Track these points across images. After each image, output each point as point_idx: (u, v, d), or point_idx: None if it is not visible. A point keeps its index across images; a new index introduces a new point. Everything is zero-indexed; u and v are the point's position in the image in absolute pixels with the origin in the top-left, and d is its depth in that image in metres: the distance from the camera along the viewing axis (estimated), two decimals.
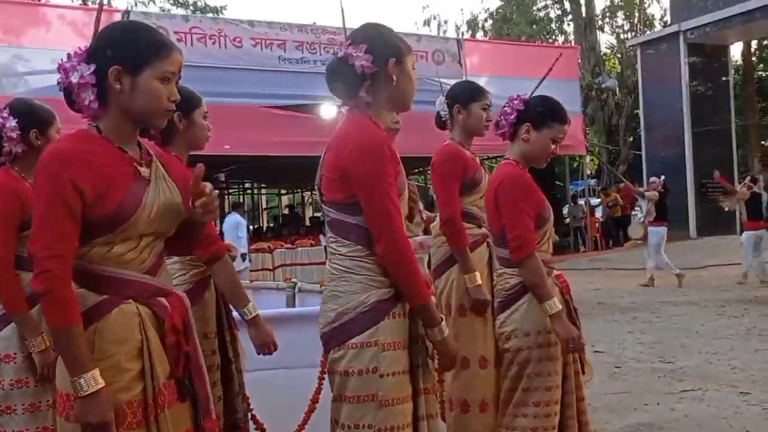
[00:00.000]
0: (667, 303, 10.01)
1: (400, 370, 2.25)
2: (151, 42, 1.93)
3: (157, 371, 1.89)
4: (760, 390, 5.23)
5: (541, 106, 3.02)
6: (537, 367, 2.92)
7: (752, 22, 18.18)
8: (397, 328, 2.27)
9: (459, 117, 3.71)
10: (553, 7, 30.08)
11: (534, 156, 3.04)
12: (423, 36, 15.15)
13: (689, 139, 19.13)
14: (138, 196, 1.91)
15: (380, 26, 2.39)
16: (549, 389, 2.92)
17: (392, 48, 2.32)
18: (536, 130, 2.98)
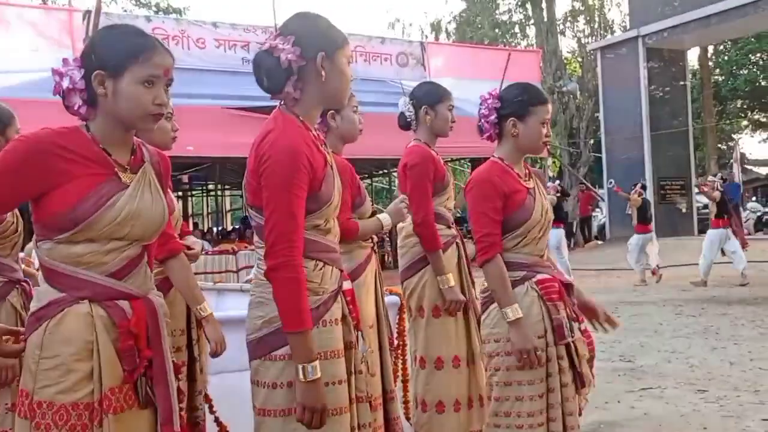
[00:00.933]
0: (627, 303, 10.17)
1: (335, 380, 2.14)
2: (132, 45, 1.91)
3: (104, 375, 1.85)
4: (717, 388, 5.34)
5: (518, 95, 2.87)
6: (509, 375, 2.75)
7: (708, 27, 18.55)
8: (329, 336, 2.17)
9: (426, 118, 3.71)
10: (516, 11, 30.37)
11: (530, 147, 2.90)
12: (387, 38, 15.15)
13: (648, 141, 19.44)
14: (104, 199, 1.88)
15: (313, 16, 2.23)
16: (520, 399, 2.73)
17: (323, 40, 2.16)
18: (522, 121, 2.83)
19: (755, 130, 34.81)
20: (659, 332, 7.82)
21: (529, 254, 2.83)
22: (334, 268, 2.23)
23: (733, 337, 7.27)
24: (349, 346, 2.23)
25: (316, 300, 2.14)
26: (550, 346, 2.74)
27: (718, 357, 6.41)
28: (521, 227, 2.79)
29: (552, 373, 2.74)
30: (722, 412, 4.76)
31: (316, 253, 2.19)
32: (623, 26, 27.43)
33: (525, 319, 2.71)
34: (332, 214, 2.23)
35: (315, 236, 2.19)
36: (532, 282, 2.79)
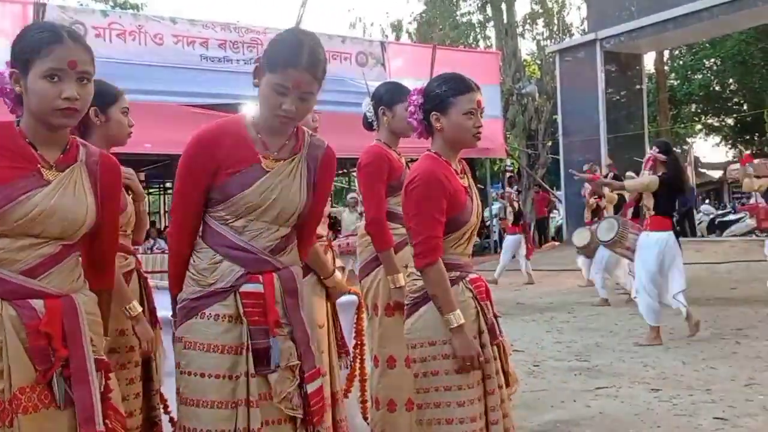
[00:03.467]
0: (583, 303, 10.30)
1: (204, 372, 2.17)
2: (34, 41, 1.91)
3: (13, 374, 1.82)
4: (670, 387, 5.42)
5: (437, 87, 2.73)
6: (448, 379, 2.63)
7: (664, 32, 18.83)
8: (206, 330, 2.20)
9: (384, 118, 3.72)
10: (476, 13, 30.56)
11: (457, 140, 2.73)
12: (347, 37, 15.12)
13: (605, 144, 19.68)
14: (17, 193, 1.86)
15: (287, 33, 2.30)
16: (462, 404, 2.61)
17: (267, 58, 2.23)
18: (444, 114, 2.69)
19: (708, 135, 35.49)
20: (614, 332, 7.92)
21: (461, 254, 2.76)
22: (234, 265, 2.22)
23: (687, 337, 7.39)
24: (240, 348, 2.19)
25: (198, 291, 2.22)
26: (485, 347, 2.68)
27: (672, 357, 6.51)
28: (460, 230, 2.71)
29: (490, 375, 2.68)
30: (675, 411, 4.83)
31: (218, 245, 2.23)
32: (582, 30, 27.75)
33: (464, 317, 2.65)
34: (246, 214, 2.23)
35: (222, 229, 2.24)
36: (466, 282, 2.73)
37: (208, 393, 2.15)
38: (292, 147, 2.32)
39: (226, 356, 2.17)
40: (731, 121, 32.66)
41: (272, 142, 2.28)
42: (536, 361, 6.52)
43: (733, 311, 8.96)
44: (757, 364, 6.03)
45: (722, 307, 9.35)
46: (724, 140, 34.69)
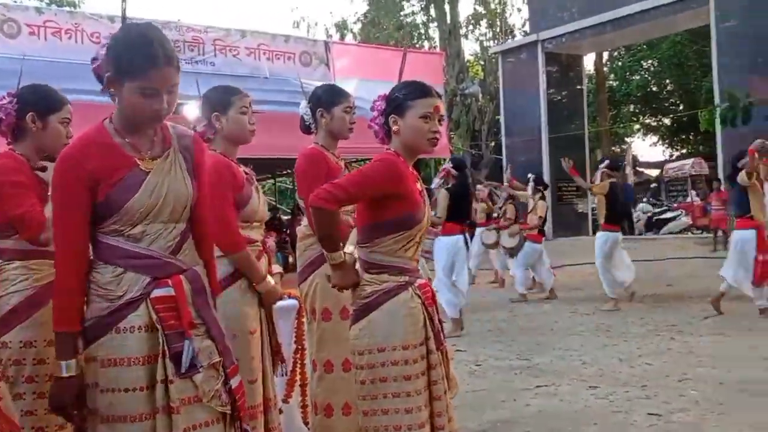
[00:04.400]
0: (524, 302, 10.43)
1: (128, 387, 2.13)
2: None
3: None
4: (607, 384, 5.54)
5: (396, 92, 2.77)
6: (394, 386, 2.61)
7: (603, 34, 19.23)
8: (122, 344, 2.15)
9: (323, 120, 3.72)
10: (420, 13, 30.69)
11: (414, 143, 2.74)
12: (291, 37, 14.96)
13: (546, 144, 19.99)
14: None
15: (128, 34, 2.23)
16: (409, 411, 2.61)
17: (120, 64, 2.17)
18: (401, 117, 2.72)
19: (646, 134, 36.35)
20: (555, 330, 8.05)
21: (410, 259, 2.75)
22: (138, 274, 2.19)
23: (623, 334, 7.56)
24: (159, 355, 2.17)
25: (108, 307, 2.16)
26: (432, 353, 2.69)
27: (609, 354, 6.64)
28: (412, 229, 2.70)
29: (436, 380, 2.68)
30: (612, 408, 4.93)
31: (117, 258, 2.18)
32: (524, 31, 28.14)
33: (411, 326, 2.66)
34: (140, 219, 2.19)
35: (117, 242, 2.19)
36: (415, 287, 2.72)
37: (132, 407, 2.12)
38: (162, 142, 2.30)
39: (146, 367, 2.15)
40: (668, 121, 33.49)
41: (140, 142, 2.25)
42: (478, 361, 6.58)
43: (668, 308, 9.18)
44: (690, 360, 6.20)
45: (658, 304, 9.58)
46: (661, 140, 35.56)
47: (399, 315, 2.66)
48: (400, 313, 2.66)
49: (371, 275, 2.71)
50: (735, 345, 6.72)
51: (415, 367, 2.64)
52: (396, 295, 2.68)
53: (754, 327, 7.49)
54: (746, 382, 5.36)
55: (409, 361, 2.63)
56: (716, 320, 8.05)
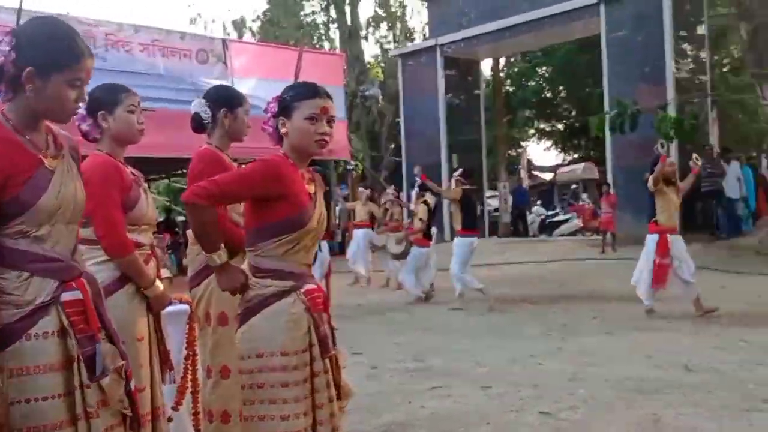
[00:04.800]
0: (421, 305, 10.52)
1: (46, 395, 2.05)
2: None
3: None
4: (499, 384, 5.61)
5: (284, 93, 2.76)
6: (273, 392, 2.58)
7: (500, 40, 19.64)
8: (35, 351, 2.05)
9: (225, 121, 3.66)
10: (320, 14, 30.60)
11: (300, 145, 2.71)
12: (187, 34, 14.66)
13: (445, 147, 20.25)
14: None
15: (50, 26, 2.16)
16: (285, 418, 2.57)
17: (38, 56, 2.08)
18: (288, 118, 2.70)
19: (541, 139, 37.36)
20: (450, 332, 8.14)
21: (298, 263, 2.70)
22: (46, 278, 2.10)
23: (516, 334, 7.72)
24: (72, 360, 2.10)
25: (17, 313, 2.04)
26: (316, 361, 2.65)
27: (502, 355, 6.75)
28: (296, 232, 2.65)
29: (319, 389, 2.65)
30: (504, 407, 5.00)
31: (23, 263, 2.08)
32: (424, 35, 28.44)
33: (292, 332, 2.62)
34: (46, 220, 2.11)
35: (22, 245, 2.08)
36: (300, 293, 2.67)
37: (51, 416, 2.03)
38: (53, 141, 2.22)
39: (61, 373, 2.07)
40: (561, 127, 34.52)
41: (39, 140, 2.17)
42: (374, 364, 6.57)
43: (559, 308, 9.45)
44: (580, 359, 6.37)
45: (550, 305, 9.85)
46: (555, 144, 36.62)
47: (280, 321, 2.62)
48: (281, 319, 2.62)
49: (256, 279, 2.67)
50: (621, 344, 6.96)
51: (295, 374, 2.60)
52: (278, 300, 2.63)
53: (639, 326, 7.79)
54: (631, 379, 5.55)
55: (288, 368, 2.59)
56: (604, 320, 8.33)
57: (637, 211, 15.45)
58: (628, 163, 16.06)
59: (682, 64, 16.10)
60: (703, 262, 12.83)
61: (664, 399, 4.99)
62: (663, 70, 15.67)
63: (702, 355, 6.28)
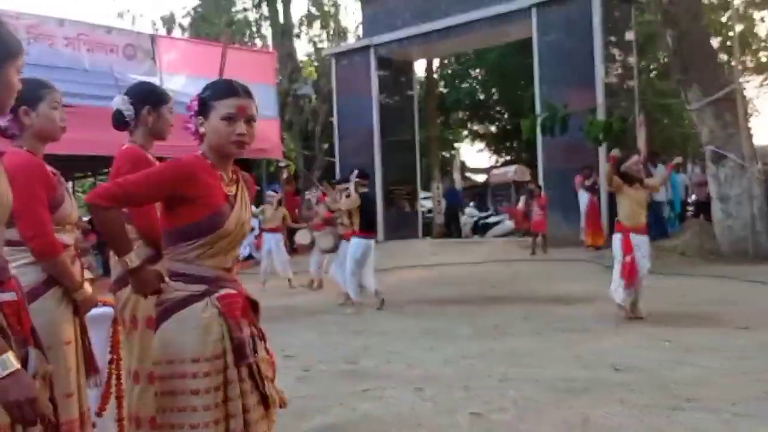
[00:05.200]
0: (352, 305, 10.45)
1: None
2: None
3: None
4: (432, 386, 5.60)
5: (203, 92, 2.69)
6: (183, 399, 2.50)
7: (433, 42, 19.76)
8: None
9: (149, 119, 3.58)
10: (252, 11, 30.28)
11: (218, 146, 2.64)
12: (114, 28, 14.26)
13: (378, 147, 20.26)
14: None
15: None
16: (195, 427, 2.49)
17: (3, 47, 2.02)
18: (206, 118, 2.64)
19: (474, 141, 37.80)
20: (383, 334, 8.10)
21: (214, 267, 2.61)
22: None
23: (449, 336, 7.72)
24: None
25: None
26: (229, 368, 2.56)
27: (435, 356, 6.75)
28: (208, 236, 2.57)
29: (232, 397, 2.55)
30: (436, 409, 5.00)
31: None
32: (357, 35, 28.43)
33: (202, 337, 2.53)
34: None
35: None
36: (213, 297, 2.57)
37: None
38: None
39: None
40: (494, 129, 35.00)
41: None
42: (306, 366, 6.49)
43: (491, 309, 9.50)
44: (510, 360, 6.41)
45: (482, 306, 9.90)
46: (488, 146, 37.10)
47: (189, 326, 2.53)
48: (191, 324, 2.53)
49: (174, 282, 2.60)
50: (551, 345, 7.03)
51: (206, 381, 2.51)
52: (188, 305, 2.54)
53: (568, 327, 7.88)
54: (561, 379, 5.61)
55: (198, 375, 2.51)
56: (535, 321, 8.40)
57: (567, 212, 15.77)
58: (559, 166, 16.35)
59: (611, 69, 16.46)
60: None
61: (592, 398, 5.05)
62: (592, 74, 16.00)
63: (628, 355, 6.39)
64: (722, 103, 13.54)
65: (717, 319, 7.97)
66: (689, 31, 13.65)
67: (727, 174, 13.62)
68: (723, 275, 11.34)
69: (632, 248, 7.96)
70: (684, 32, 13.64)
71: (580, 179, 15.13)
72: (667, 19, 13.91)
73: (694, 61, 13.73)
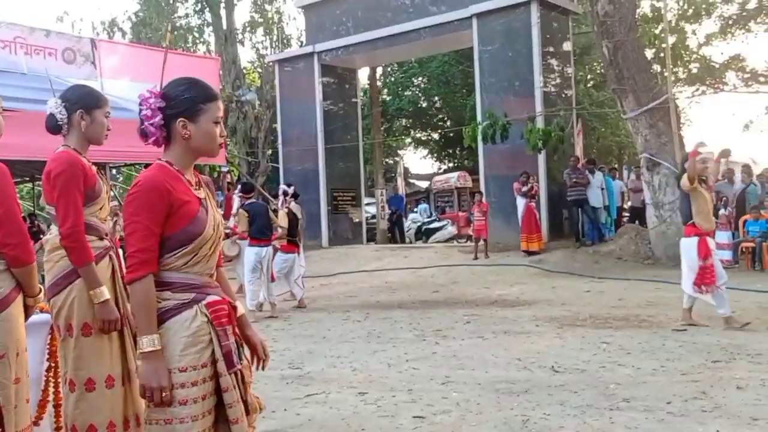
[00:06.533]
0: (299, 311, 10.49)
1: None
2: None
3: None
4: (375, 389, 5.67)
5: (184, 92, 2.57)
6: (171, 412, 2.44)
7: (376, 50, 19.87)
8: None
9: (82, 123, 3.53)
10: (194, 16, 29.97)
11: (207, 149, 2.60)
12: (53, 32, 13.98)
13: (322, 154, 20.27)
14: None
15: None
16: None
17: None
18: (194, 121, 2.55)
19: (417, 147, 38.04)
20: (327, 338, 8.14)
21: (199, 274, 2.56)
22: None
23: (393, 339, 7.80)
24: None
25: None
26: (222, 376, 2.51)
27: (379, 360, 6.82)
28: (192, 243, 2.52)
29: (231, 404, 2.51)
30: (379, 413, 5.05)
31: None
32: (301, 41, 28.39)
33: (191, 347, 2.48)
34: None
35: None
36: (201, 305, 2.52)
37: None
38: None
39: None
40: (436, 136, 35.28)
41: None
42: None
43: (434, 313, 9.62)
44: (453, 363, 6.51)
45: (425, 310, 10.02)
46: (431, 153, 37.38)
47: (179, 335, 2.47)
48: (179, 334, 2.47)
49: (157, 293, 2.50)
50: (492, 347, 7.16)
51: (193, 390, 2.46)
52: (177, 314, 2.49)
53: (509, 330, 8.04)
54: (500, 381, 5.73)
55: (186, 385, 2.45)
56: (476, 325, 8.54)
57: (507, 218, 16.03)
58: (500, 172, 16.61)
59: (549, 79, 16.79)
60: (568, 267, 13.48)
61: (533, 399, 5.18)
62: (531, 83, 16.30)
63: (567, 356, 6.55)
64: (656, 112, 13.99)
65: (652, 321, 8.23)
66: (624, 43, 14.06)
67: (660, 181, 14.06)
68: (658, 279, 11.68)
69: (711, 252, 7.59)
70: (619, 43, 14.04)
71: (518, 185, 15.42)
72: (603, 30, 14.30)
73: (629, 72, 14.15)
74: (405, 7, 18.87)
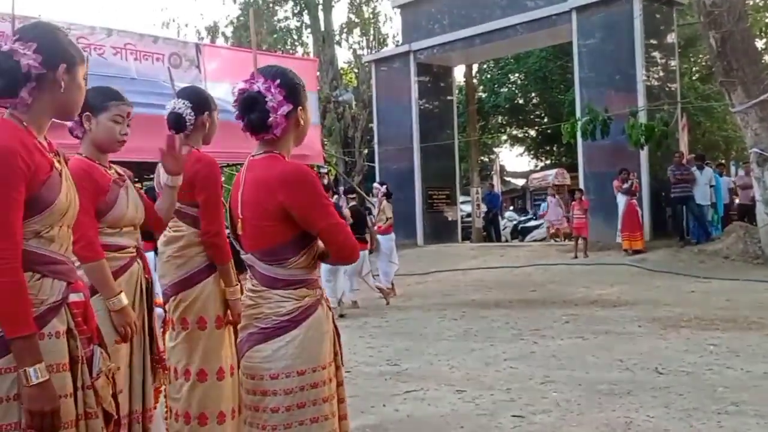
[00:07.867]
0: (395, 308, 10.55)
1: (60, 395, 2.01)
2: None
3: None
4: (473, 387, 5.65)
5: (299, 80, 2.67)
6: (313, 411, 2.43)
7: (473, 47, 19.74)
8: (49, 350, 2.01)
9: (207, 123, 3.73)
10: (293, 19, 30.56)
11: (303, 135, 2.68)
12: (160, 38, 14.51)
13: (418, 152, 20.30)
14: None
15: (54, 28, 2.19)
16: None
17: (64, 53, 2.13)
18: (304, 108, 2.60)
19: (513, 145, 37.67)
20: (424, 336, 8.17)
21: None
22: (55, 279, 2.10)
23: (490, 338, 7.76)
24: (76, 360, 2.10)
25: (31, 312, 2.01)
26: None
27: (476, 358, 6.80)
28: None
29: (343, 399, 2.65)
30: (477, 411, 5.04)
31: (33, 264, 2.05)
32: (396, 41, 28.55)
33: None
34: (57, 221, 2.11)
35: (33, 246, 2.05)
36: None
37: (65, 414, 2.01)
38: (48, 145, 2.21)
39: (68, 373, 2.07)
40: (533, 133, 34.84)
41: (44, 142, 2.18)
42: (349, 368, 6.56)
43: (532, 312, 9.51)
44: (552, 363, 6.43)
45: (522, 309, 9.91)
46: (527, 151, 36.93)
47: None
48: None
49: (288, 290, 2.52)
50: (592, 348, 7.03)
51: (329, 387, 2.52)
52: None
53: (610, 330, 7.86)
54: (602, 382, 5.62)
55: (326, 381, 2.52)
56: (576, 324, 8.39)
57: (608, 216, 15.65)
58: (600, 169, 16.24)
59: (652, 72, 16.30)
60: (672, 267, 13.05)
61: (636, 401, 5.06)
62: (633, 77, 15.86)
63: (672, 358, 6.36)
64: (767, 104, 13.35)
65: (764, 323, 7.88)
66: (733, 33, 13.48)
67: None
68: (767, 279, 11.18)
69: None
70: (727, 34, 13.47)
71: (618, 183, 15.03)
72: (710, 21, 13.75)
73: (738, 63, 13.56)
74: (500, 2, 18.66)
